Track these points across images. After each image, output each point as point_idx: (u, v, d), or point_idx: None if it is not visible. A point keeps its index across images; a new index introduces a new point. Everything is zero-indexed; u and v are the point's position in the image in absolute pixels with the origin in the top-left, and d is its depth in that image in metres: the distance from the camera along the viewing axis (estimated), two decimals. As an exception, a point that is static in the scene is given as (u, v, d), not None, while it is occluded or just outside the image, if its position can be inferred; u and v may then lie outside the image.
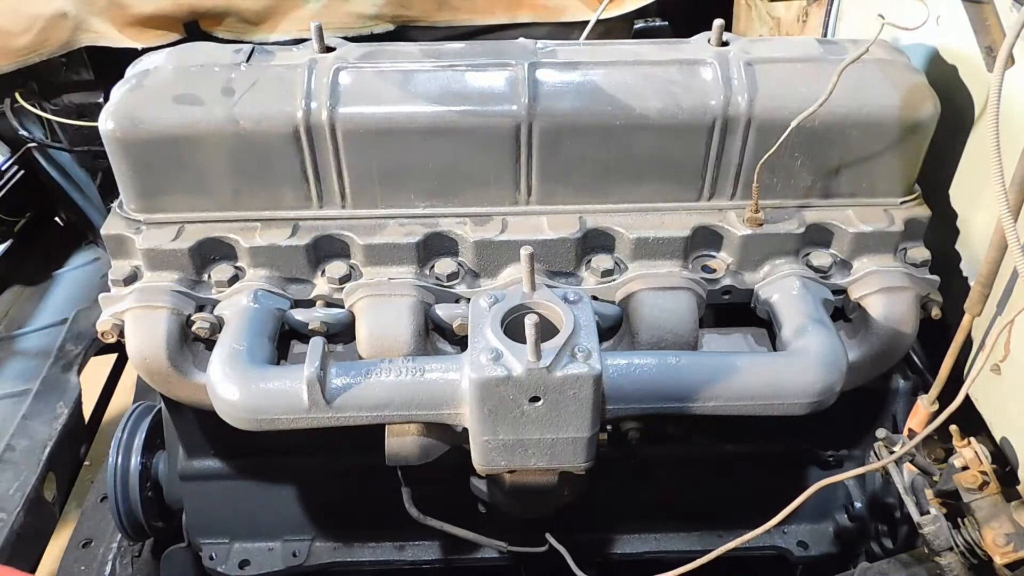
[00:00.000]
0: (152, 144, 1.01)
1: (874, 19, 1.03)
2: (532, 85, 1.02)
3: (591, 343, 0.84)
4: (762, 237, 1.07)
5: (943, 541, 0.96)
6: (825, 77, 0.99)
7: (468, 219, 1.08)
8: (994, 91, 0.80)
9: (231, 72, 1.04)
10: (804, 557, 1.33)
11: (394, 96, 1.02)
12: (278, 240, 1.05)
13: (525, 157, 1.04)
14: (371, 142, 1.03)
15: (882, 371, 1.12)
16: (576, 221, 1.07)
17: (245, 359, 0.94)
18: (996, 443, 1.01)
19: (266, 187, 1.06)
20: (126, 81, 1.05)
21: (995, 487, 0.97)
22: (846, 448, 1.29)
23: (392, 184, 1.06)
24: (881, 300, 1.06)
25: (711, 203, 1.10)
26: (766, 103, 1.02)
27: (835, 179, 1.08)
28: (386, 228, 1.07)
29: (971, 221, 1.10)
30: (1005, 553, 0.92)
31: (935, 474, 1.01)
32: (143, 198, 1.07)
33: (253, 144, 1.02)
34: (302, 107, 1.00)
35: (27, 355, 1.58)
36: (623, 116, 1.02)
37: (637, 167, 1.06)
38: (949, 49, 1.11)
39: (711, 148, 1.05)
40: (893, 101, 1.02)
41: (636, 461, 1.20)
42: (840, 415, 1.03)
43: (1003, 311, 0.96)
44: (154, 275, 1.06)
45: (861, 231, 1.07)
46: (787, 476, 1.30)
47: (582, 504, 1.14)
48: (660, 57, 1.07)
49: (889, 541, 1.21)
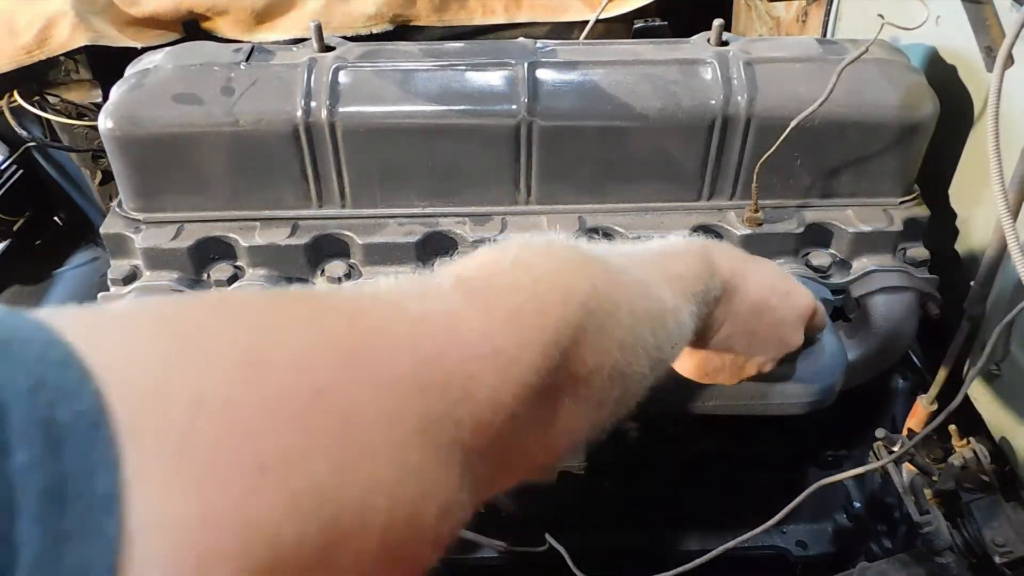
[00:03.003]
0: (151, 143, 1.01)
1: (874, 19, 1.03)
2: (532, 84, 1.02)
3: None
4: (762, 237, 1.07)
5: (942, 541, 0.96)
6: (825, 77, 0.99)
7: (468, 219, 1.08)
8: (994, 91, 0.80)
9: (231, 71, 1.04)
10: (803, 557, 1.33)
11: (394, 95, 1.02)
12: (277, 239, 1.05)
13: (525, 157, 1.04)
14: (371, 141, 1.03)
15: (881, 371, 1.12)
16: (576, 221, 1.07)
17: (244, 358, 0.94)
18: (996, 443, 1.01)
19: (265, 186, 1.06)
20: (125, 80, 1.05)
21: (995, 487, 0.97)
22: (845, 448, 1.29)
23: (392, 183, 1.06)
24: (881, 300, 1.06)
25: (711, 203, 1.10)
26: (766, 103, 1.02)
27: (834, 179, 1.08)
28: (386, 227, 1.07)
29: (971, 221, 1.10)
30: (1005, 553, 0.93)
31: (934, 474, 1.01)
32: (142, 197, 1.07)
33: (252, 143, 1.02)
34: (301, 106, 1.00)
35: (26, 355, 1.58)
36: (623, 116, 1.02)
37: (637, 167, 1.06)
38: (949, 49, 1.11)
39: (711, 148, 1.05)
40: (892, 101, 1.02)
41: (635, 460, 1.20)
42: (839, 415, 1.03)
43: (1003, 311, 0.96)
44: (153, 274, 1.06)
45: (860, 231, 1.07)
46: (786, 476, 1.30)
47: (581, 503, 1.14)
48: (660, 57, 1.07)
49: (888, 541, 1.21)
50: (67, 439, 0.24)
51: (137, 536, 0.25)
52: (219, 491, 0.27)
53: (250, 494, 0.28)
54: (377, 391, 0.35)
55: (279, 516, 0.28)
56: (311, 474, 0.30)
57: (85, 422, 0.25)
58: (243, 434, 0.29)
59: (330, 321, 0.37)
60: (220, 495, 0.27)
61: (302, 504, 0.29)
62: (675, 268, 0.63)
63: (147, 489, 0.25)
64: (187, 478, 0.27)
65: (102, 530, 0.24)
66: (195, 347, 0.31)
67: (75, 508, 0.24)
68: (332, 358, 0.34)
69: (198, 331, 0.33)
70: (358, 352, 0.36)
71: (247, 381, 0.30)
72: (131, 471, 0.25)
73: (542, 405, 0.46)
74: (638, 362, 0.53)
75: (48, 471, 0.23)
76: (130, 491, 0.25)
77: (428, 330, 0.40)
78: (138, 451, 0.26)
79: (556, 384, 0.47)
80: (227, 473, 0.28)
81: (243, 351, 0.32)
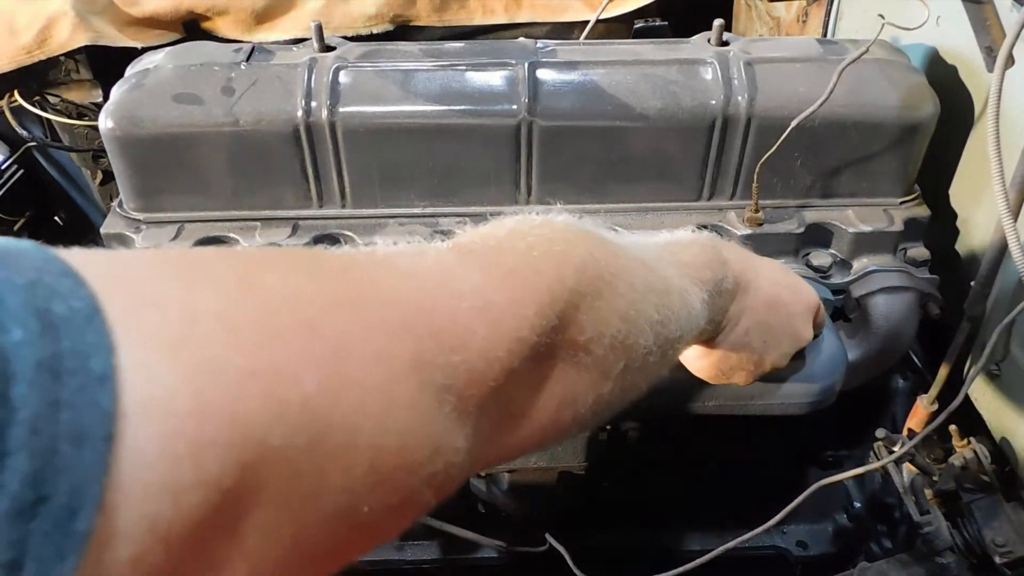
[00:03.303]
0: (152, 143, 1.01)
1: (874, 19, 1.03)
2: (532, 84, 1.02)
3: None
4: (762, 237, 1.07)
5: (943, 541, 0.96)
6: (825, 77, 0.99)
7: (468, 219, 1.08)
8: (994, 91, 0.80)
9: (231, 71, 1.04)
10: (803, 557, 1.33)
11: (394, 95, 1.02)
12: (278, 239, 1.05)
13: (525, 157, 1.04)
14: (371, 141, 1.03)
15: (882, 371, 1.12)
16: (576, 221, 1.07)
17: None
18: (996, 443, 1.01)
19: (266, 186, 1.06)
20: (126, 80, 1.05)
21: (995, 487, 0.97)
22: (845, 448, 1.29)
23: (392, 183, 1.06)
24: (881, 300, 1.06)
25: (711, 203, 1.10)
26: (766, 103, 1.02)
27: (835, 179, 1.08)
28: (386, 228, 1.07)
29: (971, 221, 1.10)
30: (1005, 553, 0.93)
31: (935, 474, 1.01)
32: (143, 197, 1.07)
33: (253, 143, 1.02)
34: (302, 106, 1.00)
35: (26, 354, 1.58)
36: (623, 116, 1.02)
37: (637, 167, 1.06)
38: (949, 49, 1.11)
39: (711, 148, 1.05)
40: (893, 101, 1.02)
41: (635, 460, 1.20)
42: (840, 415, 1.03)
43: (1003, 311, 0.96)
44: (154, 274, 1.06)
45: (861, 231, 1.07)
46: (786, 476, 1.30)
47: (581, 503, 1.14)
48: (660, 57, 1.07)
49: (888, 541, 1.21)
50: (62, 326, 0.25)
51: (131, 415, 0.26)
52: (211, 387, 0.28)
53: (240, 394, 0.29)
54: (367, 331, 0.36)
55: (267, 420, 0.30)
56: (300, 389, 0.31)
57: (80, 315, 0.26)
58: (235, 344, 0.30)
59: (323, 268, 0.38)
60: (211, 390, 0.28)
61: (289, 413, 0.31)
62: (682, 256, 0.63)
63: (142, 374, 0.27)
64: (180, 372, 0.28)
65: (98, 403, 0.25)
66: (190, 270, 0.33)
67: (70, 382, 0.25)
68: (324, 298, 0.35)
69: (195, 259, 0.35)
70: (349, 297, 0.37)
71: (241, 301, 0.32)
72: (126, 359, 0.26)
73: (540, 364, 0.47)
74: (643, 336, 0.53)
75: (43, 348, 0.24)
76: (124, 375, 0.26)
77: (419, 283, 0.41)
78: (133, 343, 0.27)
79: (553, 345, 0.47)
80: (219, 373, 0.29)
81: (238, 277, 0.34)
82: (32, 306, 0.25)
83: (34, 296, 0.25)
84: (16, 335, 0.24)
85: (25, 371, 0.24)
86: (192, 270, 0.33)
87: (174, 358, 0.28)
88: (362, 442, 0.34)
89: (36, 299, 0.25)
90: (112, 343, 0.26)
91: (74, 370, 0.25)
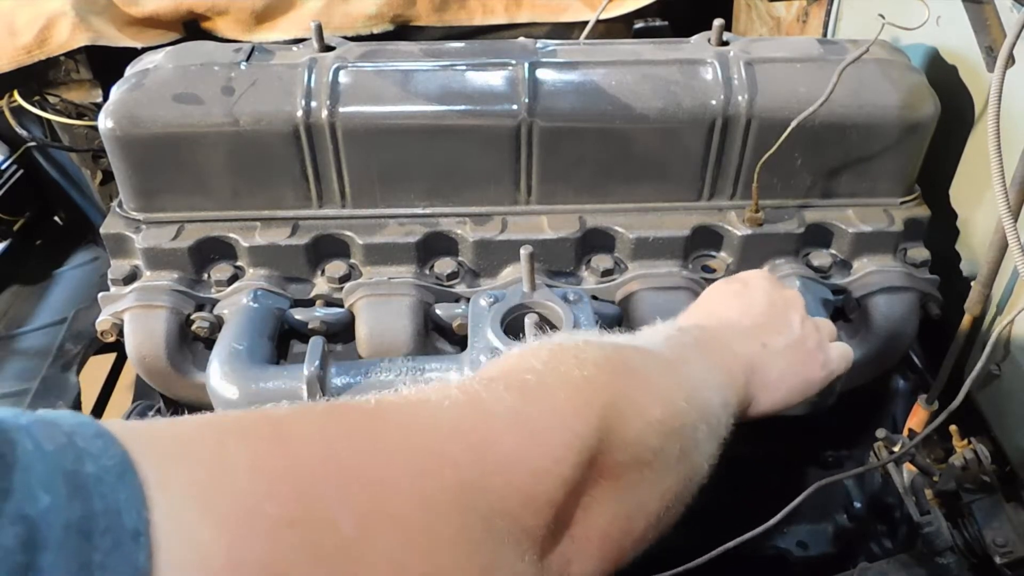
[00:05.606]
0: (151, 143, 1.01)
1: (874, 19, 1.03)
2: (532, 85, 1.02)
3: (591, 343, 0.84)
4: (762, 237, 1.07)
5: (943, 541, 0.96)
6: (825, 77, 0.99)
7: (468, 219, 1.08)
8: (994, 91, 0.80)
9: (231, 71, 1.04)
10: (803, 557, 1.32)
11: (394, 95, 1.02)
12: (278, 239, 1.05)
13: (525, 157, 1.04)
14: (371, 141, 1.03)
15: (882, 371, 1.12)
16: (576, 221, 1.07)
17: (244, 358, 0.94)
18: (996, 443, 1.01)
19: (266, 186, 1.06)
20: (125, 80, 1.05)
21: (995, 487, 0.97)
22: (846, 448, 1.29)
23: (392, 183, 1.06)
24: (881, 300, 1.06)
25: (711, 203, 1.10)
26: (766, 103, 1.02)
27: (835, 179, 1.08)
28: (386, 227, 1.07)
29: (971, 221, 1.10)
30: (1005, 553, 0.93)
31: (935, 474, 1.01)
32: (142, 197, 1.06)
33: (253, 143, 1.02)
34: (302, 106, 1.00)
35: (26, 354, 1.58)
36: (623, 116, 1.02)
37: (637, 167, 1.06)
38: (949, 49, 1.11)
39: (711, 148, 1.05)
40: (893, 101, 1.02)
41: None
42: (840, 415, 1.03)
43: (1003, 311, 0.96)
44: (153, 274, 1.06)
45: (861, 231, 1.07)
46: (787, 476, 1.30)
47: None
48: (660, 57, 1.07)
49: (888, 541, 1.21)
50: (93, 487, 0.26)
51: (166, 571, 0.26)
52: (245, 539, 0.28)
53: (275, 544, 0.29)
54: (403, 465, 0.36)
55: (304, 568, 0.30)
56: (337, 534, 0.31)
57: (112, 473, 0.27)
58: (268, 494, 0.30)
59: (352, 413, 0.39)
60: (245, 542, 0.28)
61: (326, 558, 0.30)
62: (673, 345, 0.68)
63: (176, 528, 0.27)
64: (215, 524, 0.28)
65: (134, 561, 0.25)
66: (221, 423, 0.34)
67: (103, 542, 0.25)
68: (356, 440, 0.36)
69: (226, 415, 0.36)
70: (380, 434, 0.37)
71: (272, 452, 0.32)
72: (159, 514, 0.26)
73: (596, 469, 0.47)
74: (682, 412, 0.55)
75: (72, 511, 0.25)
76: (159, 530, 0.26)
77: (450, 411, 0.41)
78: (166, 498, 0.27)
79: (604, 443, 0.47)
80: (253, 524, 0.29)
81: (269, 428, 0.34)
82: (61, 470, 0.25)
83: (63, 460, 0.26)
84: (44, 502, 0.24)
85: (53, 538, 0.24)
86: (222, 423, 0.34)
87: (207, 510, 0.28)
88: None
89: (65, 462, 0.26)
90: (145, 497, 0.27)
91: (107, 528, 0.25)
